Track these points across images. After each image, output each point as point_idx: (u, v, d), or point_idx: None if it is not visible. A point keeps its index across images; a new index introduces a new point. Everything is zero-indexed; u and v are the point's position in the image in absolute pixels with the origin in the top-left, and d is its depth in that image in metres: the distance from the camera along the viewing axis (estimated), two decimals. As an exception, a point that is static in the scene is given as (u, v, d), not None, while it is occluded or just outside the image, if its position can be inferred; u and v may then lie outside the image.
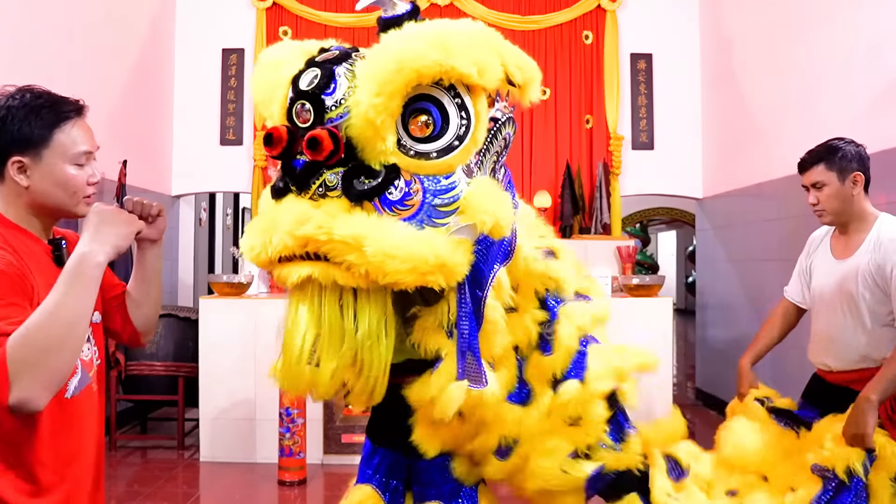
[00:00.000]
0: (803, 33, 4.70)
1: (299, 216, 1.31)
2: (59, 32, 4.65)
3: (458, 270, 1.35)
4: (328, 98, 1.37)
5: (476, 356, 1.46)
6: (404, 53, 1.32)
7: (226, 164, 6.38)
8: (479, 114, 1.43)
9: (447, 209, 1.38)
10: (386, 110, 1.32)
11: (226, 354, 4.60)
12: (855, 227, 2.24)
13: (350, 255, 1.28)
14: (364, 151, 1.36)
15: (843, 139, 2.30)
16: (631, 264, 5.59)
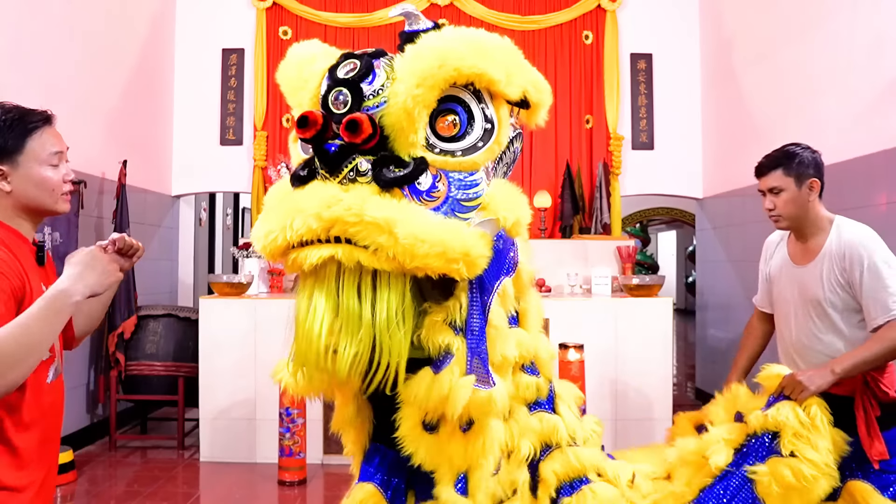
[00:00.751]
0: (803, 33, 4.70)
1: (328, 199, 1.32)
2: (59, 32, 4.65)
3: (479, 262, 1.38)
4: (367, 87, 1.42)
5: (483, 358, 1.47)
6: (448, 52, 1.40)
7: (226, 164, 6.38)
8: (501, 119, 1.50)
9: (470, 204, 1.43)
10: (423, 102, 1.38)
11: (226, 354, 4.60)
12: (812, 232, 2.25)
13: (380, 237, 1.29)
14: (395, 142, 1.41)
15: (800, 145, 2.30)
16: (631, 264, 5.59)
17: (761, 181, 2.30)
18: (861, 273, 2.10)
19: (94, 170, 5.06)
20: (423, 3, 6.34)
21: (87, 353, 5.04)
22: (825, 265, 2.17)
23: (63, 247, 4.34)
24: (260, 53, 6.29)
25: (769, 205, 2.27)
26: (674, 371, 7.10)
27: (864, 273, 2.10)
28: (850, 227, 2.20)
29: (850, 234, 2.17)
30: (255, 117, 6.28)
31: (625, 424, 4.67)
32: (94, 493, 4.09)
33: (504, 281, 1.55)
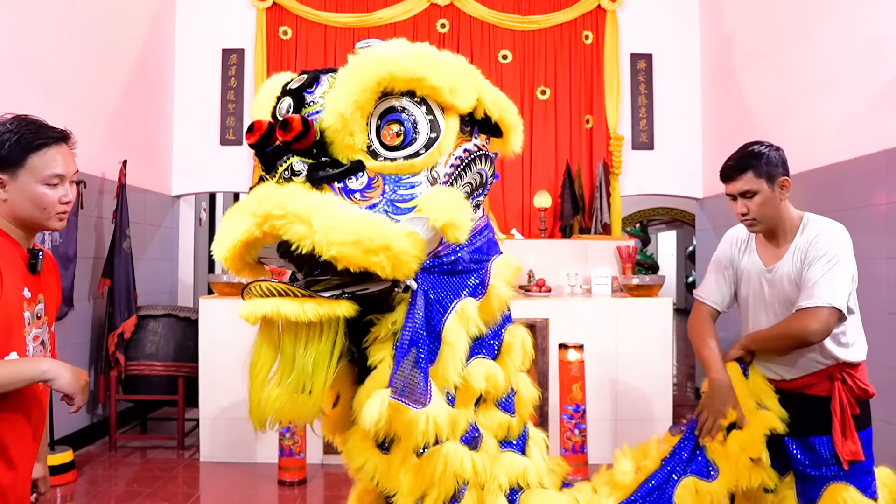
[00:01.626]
0: (803, 33, 4.70)
1: (262, 196, 1.39)
2: (60, 32, 4.65)
3: (405, 259, 1.38)
4: (308, 95, 1.50)
5: (424, 375, 1.44)
6: (383, 57, 1.43)
7: (226, 164, 6.38)
8: (448, 128, 1.51)
9: (405, 206, 1.45)
10: (356, 103, 1.40)
11: (226, 354, 4.60)
12: (783, 232, 2.17)
13: (300, 227, 1.33)
14: (333, 146, 1.45)
15: (762, 143, 2.20)
16: (631, 264, 5.59)
17: (729, 185, 2.19)
18: (812, 259, 2.06)
19: (94, 170, 5.06)
20: (424, 3, 6.34)
21: (87, 353, 5.04)
22: (792, 264, 2.12)
23: (63, 247, 4.34)
24: (260, 53, 6.29)
25: (742, 209, 2.16)
26: (674, 371, 7.09)
27: (814, 260, 2.06)
28: (818, 222, 2.15)
29: (817, 227, 2.12)
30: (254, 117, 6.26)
31: (625, 424, 4.67)
32: (94, 493, 4.09)
33: (465, 301, 1.53)
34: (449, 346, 1.49)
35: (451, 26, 6.40)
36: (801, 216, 2.18)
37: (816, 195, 4.30)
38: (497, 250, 1.70)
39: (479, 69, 1.58)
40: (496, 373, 1.62)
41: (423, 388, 1.43)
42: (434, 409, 1.42)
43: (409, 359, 1.45)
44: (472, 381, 1.56)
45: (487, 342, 1.65)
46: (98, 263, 5.11)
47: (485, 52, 6.40)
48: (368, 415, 1.42)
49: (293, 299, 1.38)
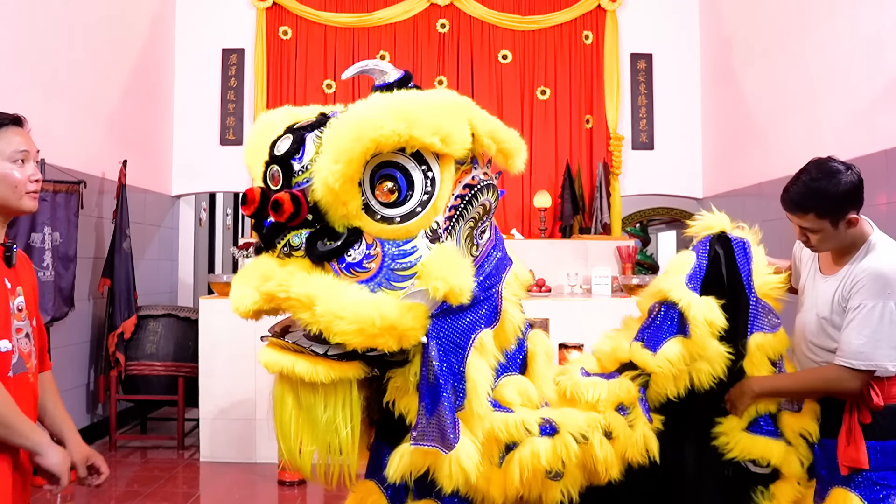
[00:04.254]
0: (803, 33, 4.70)
1: (265, 273, 1.44)
2: (60, 32, 4.65)
3: (411, 334, 1.42)
4: (296, 163, 1.47)
5: (450, 418, 1.47)
6: (363, 123, 1.39)
7: (226, 164, 6.37)
8: (443, 181, 1.49)
9: (405, 273, 1.45)
10: (343, 177, 1.38)
11: (226, 354, 4.60)
12: (845, 252, 2.06)
13: (304, 314, 1.38)
14: (328, 214, 1.45)
15: (835, 171, 1.97)
16: (631, 264, 5.59)
17: (790, 216, 2.04)
18: (857, 306, 1.95)
19: (94, 170, 5.06)
20: (423, 3, 6.33)
21: (87, 353, 5.04)
22: (840, 285, 2.03)
23: (63, 247, 4.34)
24: (260, 53, 6.29)
25: (802, 237, 2.05)
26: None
27: (859, 307, 1.95)
28: (879, 254, 1.98)
29: (876, 262, 1.97)
30: (254, 117, 6.26)
31: (625, 424, 4.66)
32: (94, 493, 4.09)
33: (482, 333, 1.55)
34: (472, 381, 1.51)
35: (451, 26, 6.40)
36: (865, 237, 2.02)
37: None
38: (507, 263, 1.70)
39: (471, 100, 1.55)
40: (527, 386, 1.66)
41: (450, 431, 1.46)
42: (461, 450, 1.47)
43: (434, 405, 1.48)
44: (505, 398, 1.61)
45: (513, 357, 1.68)
46: (98, 263, 5.11)
47: (485, 52, 6.40)
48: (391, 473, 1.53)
49: (308, 358, 1.44)
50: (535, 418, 1.61)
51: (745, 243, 2.07)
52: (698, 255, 2.05)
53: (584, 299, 4.97)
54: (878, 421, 2.00)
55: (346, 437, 1.49)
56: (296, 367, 1.44)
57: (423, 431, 1.47)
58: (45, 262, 4.18)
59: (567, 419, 1.67)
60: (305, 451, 1.52)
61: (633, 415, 1.79)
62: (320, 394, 1.48)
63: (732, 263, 2.04)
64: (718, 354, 1.89)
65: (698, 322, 1.86)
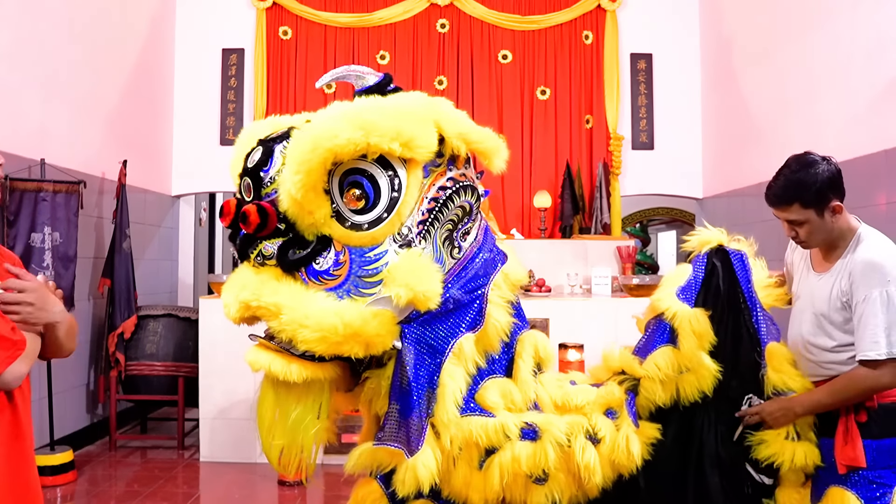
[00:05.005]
0: (803, 33, 4.70)
1: (242, 282, 1.48)
2: (60, 32, 4.65)
3: (377, 340, 1.45)
4: (264, 175, 1.52)
5: (420, 422, 1.50)
6: (320, 134, 1.41)
7: (226, 164, 6.28)
8: (409, 186, 1.49)
9: (372, 280, 1.47)
10: (305, 187, 1.41)
11: (226, 354, 4.60)
12: (835, 247, 2.08)
13: (272, 322, 1.42)
14: (297, 224, 1.48)
15: (810, 163, 2.02)
16: (631, 264, 5.59)
17: (776, 211, 2.08)
18: (861, 299, 1.96)
19: (94, 170, 5.06)
20: (423, 3, 6.33)
21: (87, 353, 5.04)
22: (836, 281, 2.04)
23: (63, 247, 4.34)
24: (260, 53, 6.29)
25: (791, 233, 2.09)
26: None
27: (862, 301, 1.96)
28: (868, 245, 2.02)
29: (866, 252, 2.00)
30: (254, 117, 6.26)
31: (625, 424, 4.66)
32: (94, 493, 4.09)
33: (462, 338, 1.56)
34: (442, 387, 1.54)
35: (451, 26, 6.40)
36: (853, 230, 2.05)
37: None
38: (497, 263, 1.69)
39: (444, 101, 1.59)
40: (510, 389, 1.67)
41: (413, 438, 1.49)
42: (419, 459, 1.50)
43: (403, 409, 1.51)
44: (487, 402, 1.62)
45: (498, 360, 1.69)
46: (98, 263, 5.11)
47: (485, 52, 6.40)
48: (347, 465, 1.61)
49: (283, 357, 1.47)
50: (516, 422, 1.62)
51: (742, 255, 2.09)
52: (694, 268, 2.08)
53: (584, 299, 4.97)
54: (874, 420, 2.01)
55: (309, 436, 1.53)
56: (272, 365, 1.47)
57: (390, 433, 1.52)
58: (45, 262, 4.18)
59: (550, 424, 1.68)
60: (275, 444, 1.55)
61: (620, 419, 1.80)
62: (293, 392, 1.52)
63: (731, 275, 2.05)
64: (706, 368, 1.89)
65: (686, 332, 1.88)
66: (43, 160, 4.28)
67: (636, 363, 1.93)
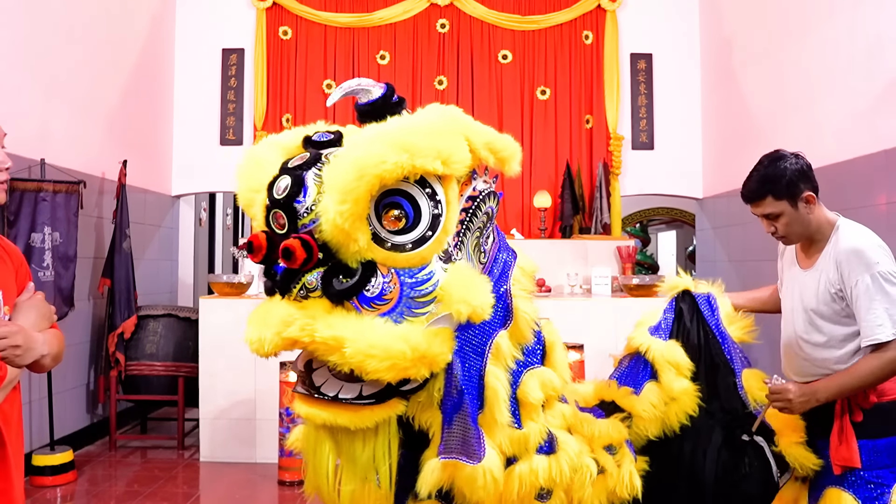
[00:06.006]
0: (803, 33, 4.70)
1: (285, 318, 1.41)
2: (60, 32, 4.65)
3: (440, 359, 1.43)
4: (299, 205, 1.45)
5: (475, 429, 1.48)
6: (365, 160, 1.37)
7: (226, 164, 6.36)
8: (449, 202, 1.49)
9: (424, 299, 1.45)
10: (352, 216, 1.37)
11: (226, 354, 4.60)
12: (816, 240, 2.13)
13: (332, 356, 1.37)
14: (340, 253, 1.43)
15: (780, 157, 2.12)
16: (631, 264, 5.59)
17: (752, 208, 2.16)
18: (853, 287, 1.99)
19: (94, 170, 5.06)
20: (423, 3, 6.33)
21: (87, 353, 5.04)
22: (821, 275, 2.07)
23: (63, 247, 4.34)
24: (260, 53, 6.29)
25: (770, 229, 2.14)
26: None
27: (855, 288, 1.98)
28: (848, 234, 2.07)
29: (847, 241, 2.04)
30: (255, 117, 6.28)
31: (625, 424, 4.66)
32: (94, 493, 4.09)
33: (497, 337, 1.55)
34: (492, 390, 1.52)
35: (451, 26, 6.40)
36: (832, 223, 2.11)
37: (816, 195, 4.30)
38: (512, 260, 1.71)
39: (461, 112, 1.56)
40: (550, 378, 1.67)
41: (476, 444, 1.47)
42: (489, 462, 1.47)
43: (459, 418, 1.49)
44: (529, 398, 1.61)
45: (532, 350, 1.69)
46: (98, 263, 5.11)
47: (485, 52, 6.40)
48: (423, 487, 1.52)
49: (348, 410, 1.45)
50: (539, 433, 1.62)
51: (709, 297, 2.15)
52: (664, 312, 2.15)
53: (584, 299, 4.97)
54: (870, 419, 2.01)
55: (385, 470, 1.51)
56: (338, 419, 1.45)
57: (454, 445, 1.49)
58: (45, 262, 4.18)
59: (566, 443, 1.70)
60: (345, 490, 1.52)
61: (621, 454, 1.83)
62: (359, 436, 1.49)
63: (699, 315, 2.12)
64: (686, 392, 1.95)
65: (663, 364, 1.96)
66: (43, 160, 4.28)
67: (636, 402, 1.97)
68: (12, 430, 1.56)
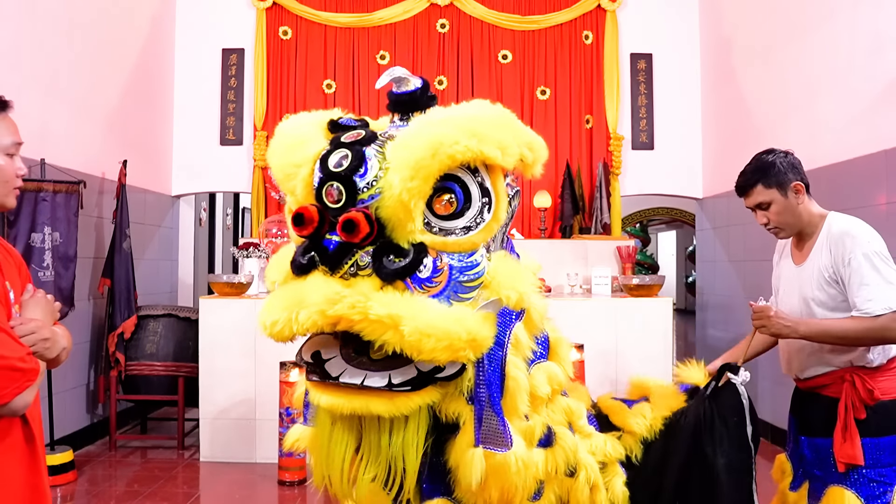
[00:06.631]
0: (803, 33, 4.70)
1: (331, 295, 1.36)
2: (59, 32, 4.65)
3: (487, 343, 1.44)
4: (360, 180, 1.44)
5: (500, 418, 1.49)
6: (440, 139, 1.40)
7: (226, 164, 6.38)
8: (499, 193, 1.52)
9: (472, 284, 1.47)
10: (419, 193, 1.40)
11: (226, 354, 4.60)
12: (808, 233, 2.20)
13: (386, 334, 1.34)
14: (394, 231, 1.43)
15: (772, 151, 2.23)
16: (631, 264, 5.59)
17: (745, 200, 2.25)
18: (846, 266, 2.05)
19: (94, 170, 5.06)
20: (423, 3, 6.34)
21: (87, 353, 5.04)
22: (815, 262, 2.13)
23: (63, 247, 4.34)
24: (260, 53, 6.29)
25: (762, 220, 2.22)
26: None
27: (847, 266, 2.04)
28: (839, 221, 2.15)
29: (837, 227, 2.12)
30: (255, 117, 6.28)
31: (625, 424, 4.67)
32: (94, 493, 4.09)
33: (515, 329, 1.55)
34: (514, 380, 1.51)
35: (451, 26, 6.40)
36: (823, 215, 2.19)
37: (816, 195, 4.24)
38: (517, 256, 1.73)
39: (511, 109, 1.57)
40: (555, 372, 1.68)
41: (504, 432, 1.47)
42: (518, 448, 1.47)
43: (487, 406, 1.48)
44: (538, 391, 1.61)
45: (539, 345, 1.69)
46: (98, 263, 5.11)
47: (485, 52, 6.41)
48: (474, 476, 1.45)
49: (382, 398, 1.41)
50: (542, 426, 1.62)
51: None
52: None
53: (584, 299, 4.98)
54: (873, 418, 2.02)
55: (412, 462, 1.47)
56: (371, 407, 1.41)
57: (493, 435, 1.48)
58: (45, 262, 4.19)
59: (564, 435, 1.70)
60: (365, 478, 1.48)
61: (611, 471, 1.82)
62: (386, 426, 1.46)
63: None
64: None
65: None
66: (43, 160, 4.28)
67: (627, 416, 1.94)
68: (38, 426, 1.59)
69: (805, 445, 2.18)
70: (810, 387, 2.18)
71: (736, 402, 1.92)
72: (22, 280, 1.66)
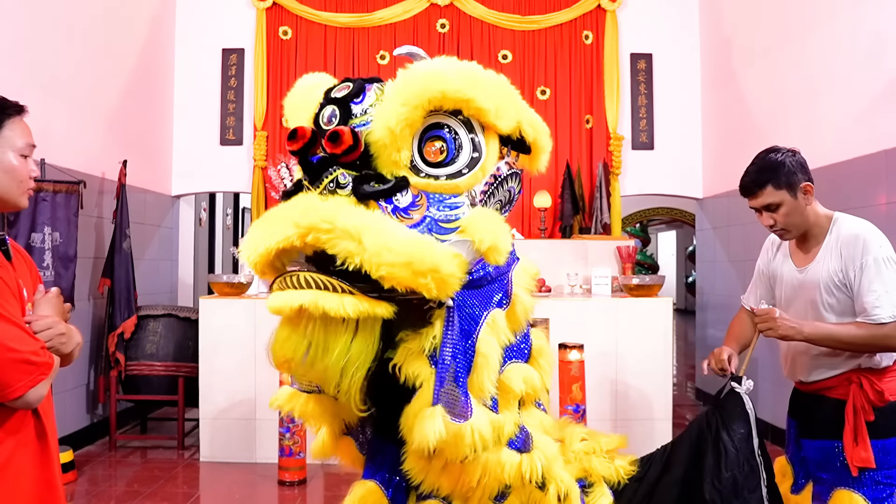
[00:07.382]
0: (803, 33, 4.70)
1: (306, 207, 1.38)
2: (59, 32, 4.65)
3: (450, 281, 1.37)
4: (355, 106, 1.50)
5: (462, 389, 1.45)
6: (435, 75, 1.45)
7: (226, 164, 6.38)
8: (489, 149, 1.53)
9: (449, 226, 1.46)
10: (406, 120, 1.42)
11: (226, 354, 4.60)
12: (813, 234, 2.14)
13: (349, 244, 1.31)
14: (379, 160, 1.46)
15: (778, 150, 2.15)
16: (631, 264, 5.59)
17: (752, 200, 2.15)
18: (856, 270, 2.02)
19: (94, 170, 5.06)
20: (423, 3, 6.34)
21: (87, 353, 5.04)
22: (824, 267, 2.09)
23: (63, 247, 4.34)
24: (260, 53, 6.29)
25: (769, 221, 2.14)
26: (674, 371, 7.09)
27: (857, 269, 2.02)
28: (847, 224, 2.10)
29: (847, 230, 2.08)
30: (255, 117, 6.28)
31: (625, 424, 4.66)
32: (94, 493, 4.09)
33: (495, 312, 1.55)
34: (483, 356, 1.50)
35: (451, 26, 6.40)
36: (829, 217, 2.14)
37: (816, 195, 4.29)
38: (514, 257, 1.72)
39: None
40: (532, 375, 1.65)
41: (464, 402, 1.44)
42: (477, 421, 1.44)
43: (450, 374, 1.45)
44: (511, 385, 1.58)
45: (519, 347, 1.68)
46: (98, 263, 5.11)
47: (485, 52, 6.41)
48: (430, 435, 1.38)
49: (333, 293, 1.34)
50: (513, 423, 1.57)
51: None
52: None
53: (584, 299, 4.98)
54: (880, 419, 2.01)
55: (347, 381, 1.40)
56: (319, 300, 1.32)
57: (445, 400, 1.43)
58: (45, 262, 4.19)
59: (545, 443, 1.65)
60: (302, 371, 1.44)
61: (597, 491, 1.80)
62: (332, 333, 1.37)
63: None
64: None
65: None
66: (43, 160, 4.28)
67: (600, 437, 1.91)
68: (51, 422, 1.64)
69: (809, 448, 2.16)
70: (815, 389, 2.16)
71: (741, 411, 1.92)
72: (33, 280, 1.69)
